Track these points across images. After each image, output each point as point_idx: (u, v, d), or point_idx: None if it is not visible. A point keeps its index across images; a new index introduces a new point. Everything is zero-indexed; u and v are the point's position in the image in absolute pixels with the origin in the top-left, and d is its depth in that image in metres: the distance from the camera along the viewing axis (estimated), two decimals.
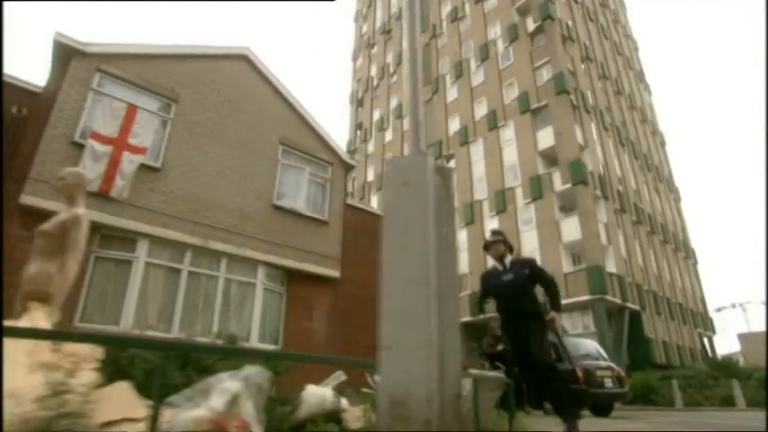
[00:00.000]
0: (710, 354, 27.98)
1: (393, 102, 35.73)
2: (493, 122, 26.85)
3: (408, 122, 1.88)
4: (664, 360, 22.61)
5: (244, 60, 9.54)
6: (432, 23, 34.54)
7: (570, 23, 28.07)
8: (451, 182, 1.83)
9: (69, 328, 6.60)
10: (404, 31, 2.49)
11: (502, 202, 24.82)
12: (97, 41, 7.77)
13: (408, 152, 1.80)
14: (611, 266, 21.72)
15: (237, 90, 9.26)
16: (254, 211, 8.52)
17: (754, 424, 6.29)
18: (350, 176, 12.40)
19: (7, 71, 8.64)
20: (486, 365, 5.91)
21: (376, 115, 37.32)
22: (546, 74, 25.18)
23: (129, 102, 7.86)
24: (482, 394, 4.26)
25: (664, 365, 21.35)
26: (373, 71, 40.05)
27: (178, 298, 7.42)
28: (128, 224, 7.22)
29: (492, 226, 24.85)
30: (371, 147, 36.18)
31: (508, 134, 26.10)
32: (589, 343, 10.41)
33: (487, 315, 5.71)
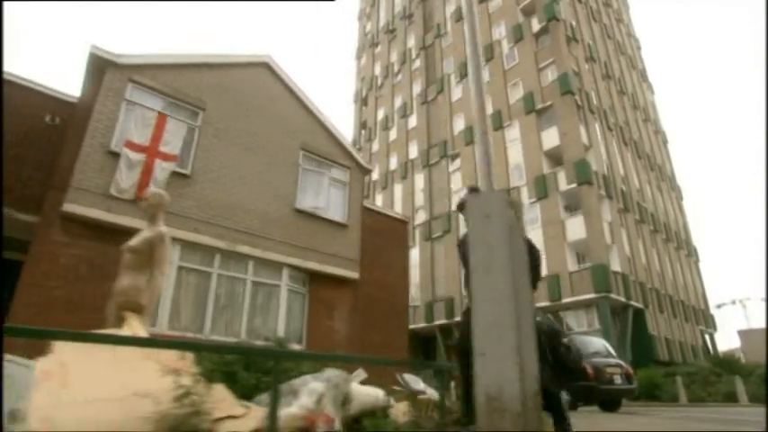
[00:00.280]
0: (712, 351, 28.35)
1: (398, 101, 35.98)
2: (498, 122, 27.12)
3: (479, 164, 2.20)
4: (666, 357, 22.98)
5: (265, 67, 9.85)
6: (436, 23, 34.77)
7: (574, 24, 28.31)
8: (521, 213, 2.16)
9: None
10: (470, 80, 2.81)
11: None
12: (128, 53, 8.09)
13: (484, 189, 2.12)
14: (615, 265, 22.05)
15: (259, 97, 9.57)
16: (277, 216, 8.86)
17: (758, 419, 6.64)
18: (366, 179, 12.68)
19: (37, 79, 8.97)
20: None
21: (380, 114, 37.57)
22: (551, 74, 25.45)
23: (160, 111, 8.18)
24: None
25: (666, 362, 21.72)
26: (377, 70, 40.28)
27: (209, 300, 7.77)
28: (162, 229, 7.53)
29: None
30: (376, 145, 36.46)
31: (513, 134, 26.39)
32: (598, 341, 10.77)
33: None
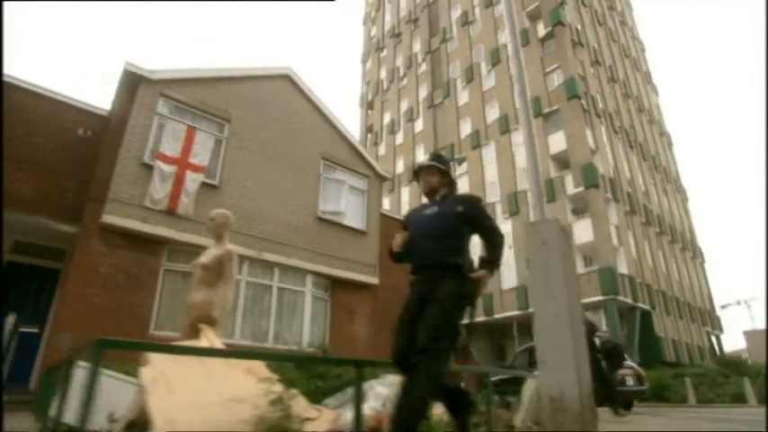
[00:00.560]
0: (718, 352, 28.55)
1: (404, 105, 36.31)
2: (505, 126, 27.43)
3: (531, 195, 2.49)
4: (674, 358, 23.20)
5: (286, 80, 10.19)
6: (442, 27, 35.10)
7: (579, 28, 28.60)
8: (571, 238, 2.47)
9: (146, 337, 7.29)
10: (520, 114, 3.12)
11: (515, 205, 25.41)
12: (160, 68, 8.43)
13: (537, 218, 2.43)
14: (622, 267, 22.30)
15: (281, 108, 9.91)
16: (300, 224, 9.18)
17: None
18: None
19: (67, 92, 9.33)
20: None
21: (387, 118, 37.90)
22: (557, 79, 25.74)
23: (189, 123, 8.52)
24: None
25: (674, 364, 21.94)
26: (383, 74, 40.62)
27: (238, 306, 8.09)
28: (193, 238, 7.87)
29: (505, 228, 25.49)
30: (383, 149, 36.78)
31: (520, 138, 26.60)
32: None
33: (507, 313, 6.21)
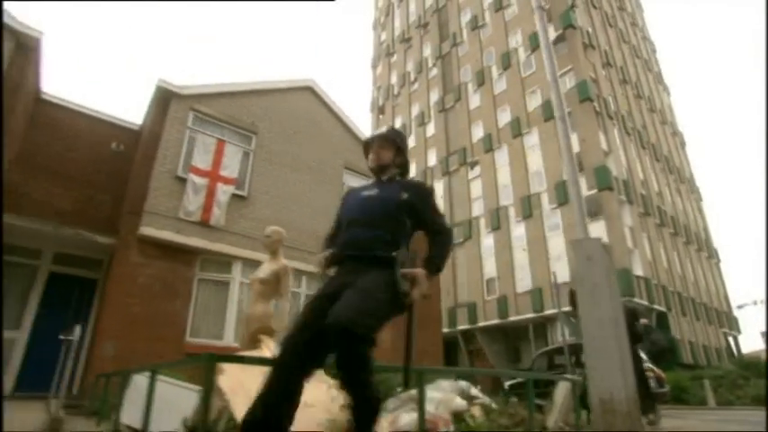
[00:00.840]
0: (736, 353, 28.34)
1: (415, 109, 36.59)
2: (517, 129, 27.56)
3: (576, 214, 2.73)
4: (691, 360, 23.12)
5: (309, 91, 10.49)
6: (452, 32, 35.34)
7: (590, 30, 28.68)
8: (611, 253, 2.70)
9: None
10: (559, 134, 3.35)
11: (528, 208, 25.51)
12: (190, 84, 8.78)
13: (581, 237, 2.66)
14: (637, 269, 22.30)
15: (305, 119, 10.21)
16: (325, 232, 9.44)
17: None
18: None
19: (106, 110, 9.71)
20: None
21: (398, 123, 38.17)
22: (569, 82, 25.82)
23: (218, 137, 8.84)
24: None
25: (691, 365, 21.88)
26: (393, 79, 40.94)
27: None
28: (224, 248, 8.19)
29: (519, 231, 25.61)
30: None
31: (532, 141, 26.80)
32: None
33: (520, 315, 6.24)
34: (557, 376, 4.81)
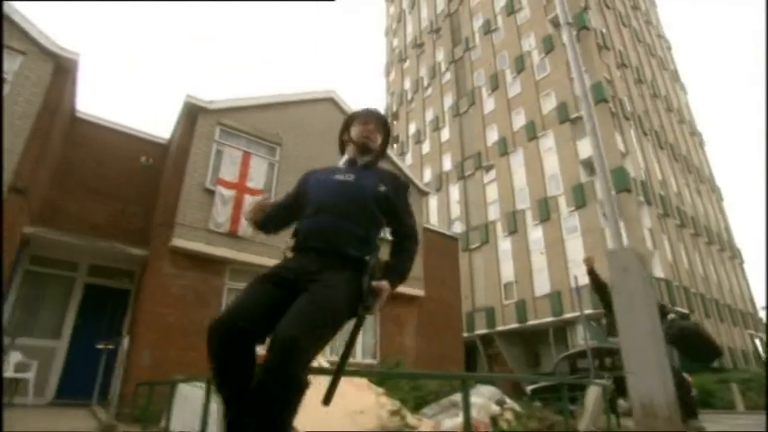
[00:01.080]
0: (764, 355, 27.74)
1: (429, 114, 36.74)
2: (532, 133, 27.51)
3: (610, 225, 2.83)
4: (716, 363, 22.71)
5: (330, 102, 10.71)
6: (464, 36, 35.46)
7: (604, 31, 28.57)
8: (647, 263, 2.80)
9: None
10: (593, 151, 3.46)
11: (545, 211, 25.42)
12: (217, 98, 9.05)
13: (617, 248, 2.77)
14: (657, 271, 22.06)
15: (327, 130, 10.41)
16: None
17: None
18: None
19: (135, 126, 10.05)
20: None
21: (412, 128, 38.38)
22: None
23: (244, 149, 9.09)
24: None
25: (716, 369, 21.49)
26: (407, 85, 41.19)
27: None
28: (252, 258, 8.40)
29: (536, 235, 25.51)
30: (409, 159, 37.22)
31: (548, 144, 26.72)
32: None
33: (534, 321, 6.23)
34: (588, 381, 4.85)
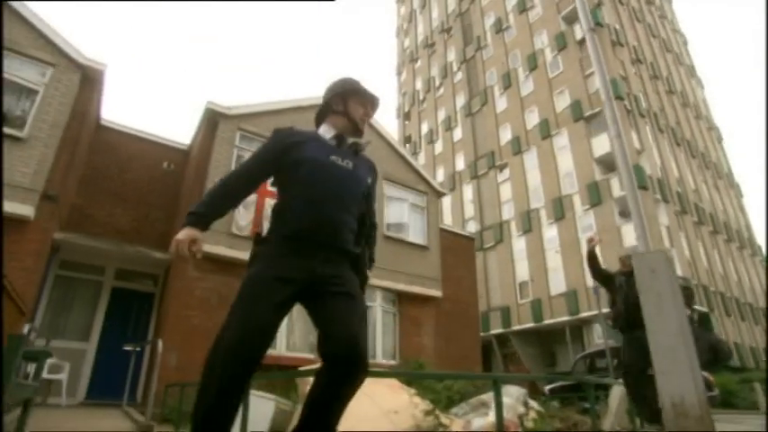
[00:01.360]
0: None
1: (441, 114, 36.71)
2: (546, 131, 27.36)
3: (635, 227, 2.89)
4: (737, 362, 22.37)
5: None
6: (476, 35, 35.37)
7: (618, 27, 28.29)
8: (673, 265, 2.85)
9: None
10: (618, 161, 3.51)
11: (560, 210, 25.27)
12: (237, 104, 9.23)
13: (643, 249, 2.82)
14: (675, 270, 21.81)
15: None
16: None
17: None
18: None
19: (154, 131, 10.28)
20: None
21: (424, 128, 38.39)
22: (597, 81, 25.50)
23: None
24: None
25: (738, 368, 21.18)
26: (419, 85, 41.19)
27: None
28: None
29: (551, 233, 25.37)
30: (422, 159, 37.24)
31: (562, 142, 26.55)
32: None
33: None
34: (613, 380, 4.87)
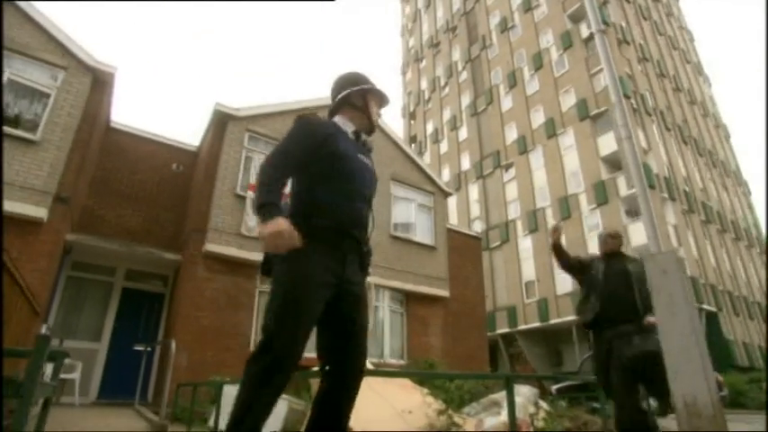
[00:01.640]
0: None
1: (446, 114, 36.69)
2: (551, 130, 27.29)
3: (646, 228, 2.91)
4: (746, 362, 22.26)
5: None
6: (481, 35, 35.32)
7: (624, 25, 28.16)
8: (684, 265, 2.87)
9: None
10: (629, 164, 3.53)
11: (566, 209, 25.21)
12: (244, 105, 9.29)
13: (654, 251, 2.84)
14: (686, 270, 21.70)
15: None
16: (376, 243, 9.77)
17: None
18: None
19: (163, 133, 10.36)
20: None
21: (430, 128, 38.38)
22: (603, 79, 25.40)
23: None
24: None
25: (747, 368, 21.07)
26: (424, 84, 41.18)
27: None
28: None
29: None
30: (427, 159, 37.24)
31: (568, 141, 26.47)
32: None
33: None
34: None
